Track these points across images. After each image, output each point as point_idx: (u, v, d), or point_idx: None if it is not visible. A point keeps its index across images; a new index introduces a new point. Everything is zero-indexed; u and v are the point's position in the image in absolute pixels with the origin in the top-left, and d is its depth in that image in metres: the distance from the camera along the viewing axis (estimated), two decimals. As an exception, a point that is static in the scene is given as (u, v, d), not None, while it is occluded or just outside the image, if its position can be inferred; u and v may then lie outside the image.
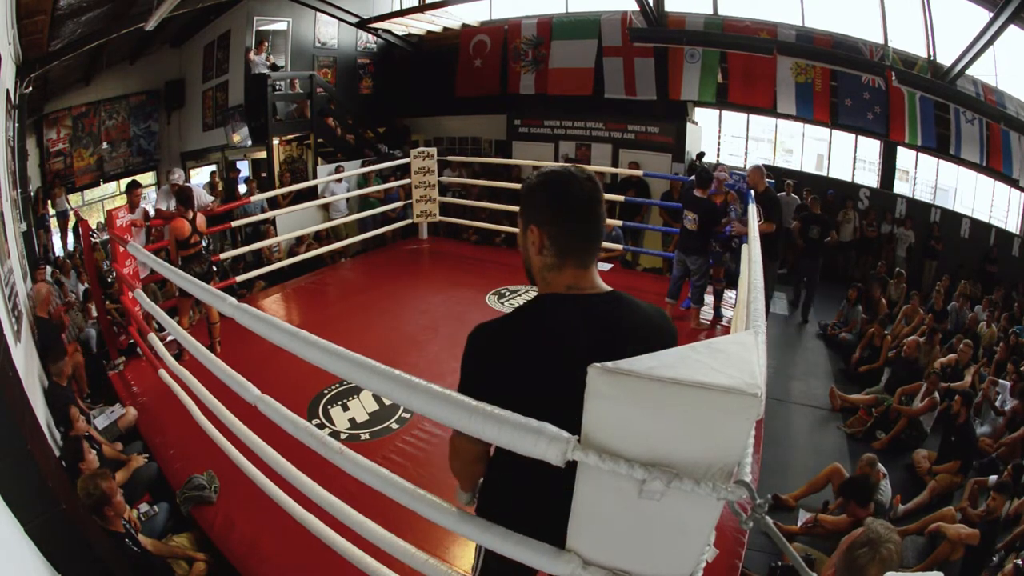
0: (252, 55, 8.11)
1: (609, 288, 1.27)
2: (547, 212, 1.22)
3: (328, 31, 9.34)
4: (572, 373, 0.97)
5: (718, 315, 5.16)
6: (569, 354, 1.00)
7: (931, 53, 7.17)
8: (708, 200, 4.77)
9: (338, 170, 7.62)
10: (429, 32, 9.97)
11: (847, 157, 8.59)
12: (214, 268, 4.59)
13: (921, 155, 8.09)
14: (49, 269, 5.96)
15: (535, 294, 1.30)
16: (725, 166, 5.46)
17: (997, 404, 4.88)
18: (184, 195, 4.37)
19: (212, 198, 5.97)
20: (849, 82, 7.67)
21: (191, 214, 4.29)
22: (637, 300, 1.29)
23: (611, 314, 1.22)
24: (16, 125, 5.45)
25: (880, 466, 3.74)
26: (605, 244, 6.51)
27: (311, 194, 7.58)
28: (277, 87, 8.17)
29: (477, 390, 1.18)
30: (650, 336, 1.22)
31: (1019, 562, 2.98)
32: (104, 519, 2.33)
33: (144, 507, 2.97)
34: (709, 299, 5.19)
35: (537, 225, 1.23)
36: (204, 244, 4.48)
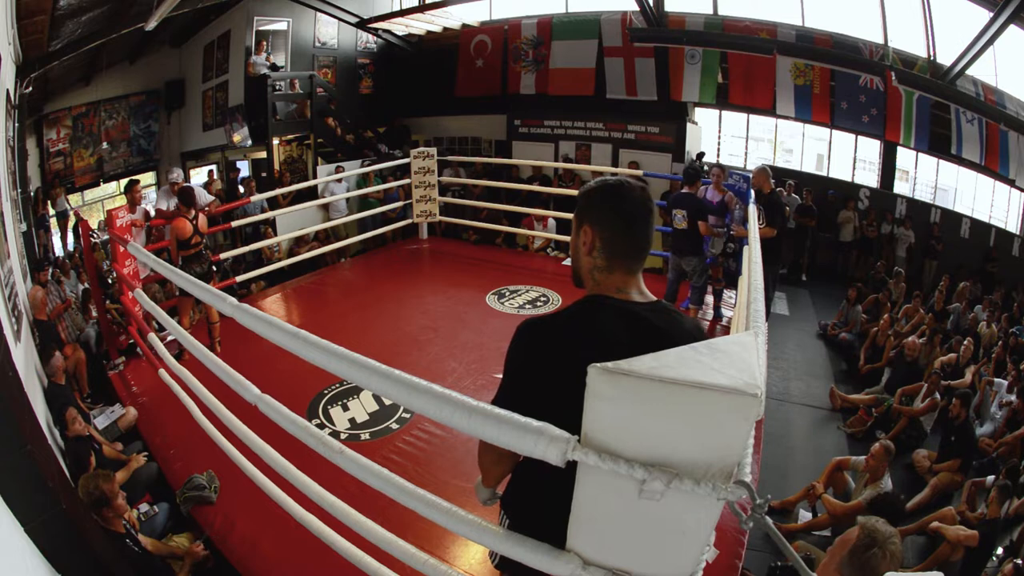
0: (252, 57, 8.12)
1: (655, 298, 1.30)
2: (602, 214, 1.26)
3: (328, 31, 9.34)
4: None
5: (717, 315, 5.16)
6: (611, 356, 0.98)
7: (931, 53, 7.17)
8: (695, 197, 4.80)
9: (338, 170, 7.62)
10: (429, 32, 9.97)
11: (847, 157, 8.60)
12: (214, 268, 4.59)
13: (921, 155, 8.10)
14: (50, 270, 5.95)
15: (585, 295, 1.31)
16: (724, 166, 5.46)
17: (995, 403, 4.88)
18: (186, 195, 4.36)
19: (212, 197, 5.96)
20: (847, 84, 7.68)
21: (193, 213, 4.29)
22: (680, 313, 1.33)
23: (655, 322, 1.23)
24: (16, 125, 5.45)
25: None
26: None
27: (311, 194, 7.58)
28: (277, 87, 8.17)
29: (522, 382, 1.22)
30: (686, 338, 1.20)
31: (1019, 562, 2.98)
32: (104, 519, 2.33)
33: (144, 507, 2.97)
34: (708, 299, 5.19)
35: (591, 225, 1.27)
36: (204, 243, 4.47)
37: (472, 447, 2.98)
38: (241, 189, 8.48)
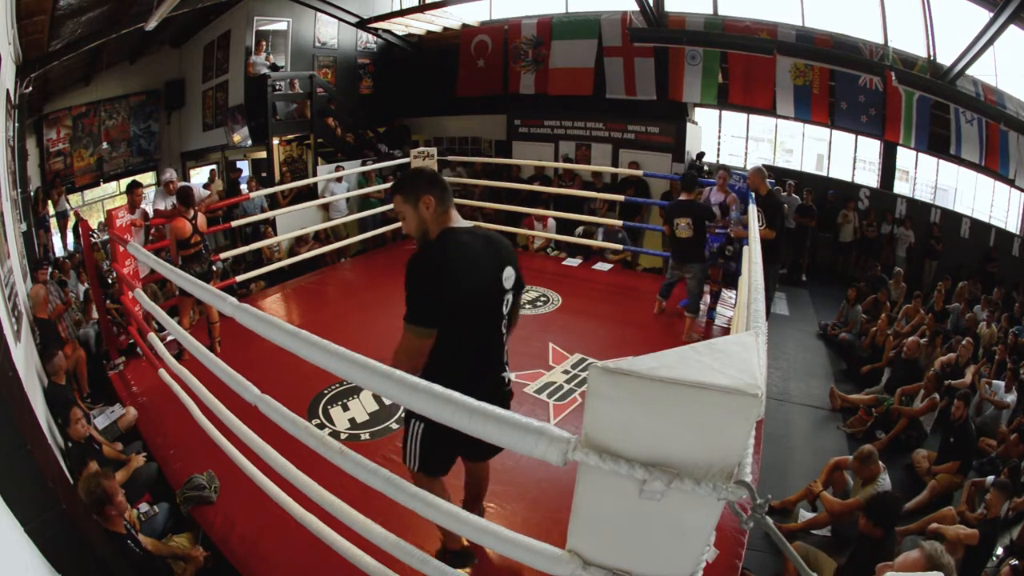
0: (252, 57, 8.12)
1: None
2: (429, 186, 1.93)
3: (328, 31, 9.34)
4: (483, 267, 1.93)
5: (711, 316, 5.16)
6: (476, 256, 1.91)
7: (931, 53, 7.17)
8: (697, 203, 4.72)
9: (338, 170, 7.63)
10: (429, 32, 9.97)
11: (847, 157, 8.60)
12: (214, 268, 4.58)
13: (921, 155, 8.10)
14: (50, 269, 5.95)
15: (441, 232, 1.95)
16: (729, 168, 5.45)
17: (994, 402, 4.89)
18: (184, 194, 4.36)
19: (208, 192, 5.93)
20: (846, 84, 7.69)
21: (191, 213, 4.28)
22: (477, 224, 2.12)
23: (477, 230, 2.00)
24: (16, 125, 5.44)
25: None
26: (610, 245, 6.60)
27: (311, 194, 7.58)
28: (277, 87, 8.17)
29: (426, 294, 1.83)
30: (500, 238, 2.09)
31: (1016, 562, 2.98)
32: (105, 518, 2.33)
33: (144, 507, 2.96)
34: (705, 300, 5.20)
35: (427, 194, 1.91)
36: (203, 243, 4.46)
37: (472, 447, 2.99)
38: (243, 188, 8.49)
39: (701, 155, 8.40)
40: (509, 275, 2.00)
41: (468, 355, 1.95)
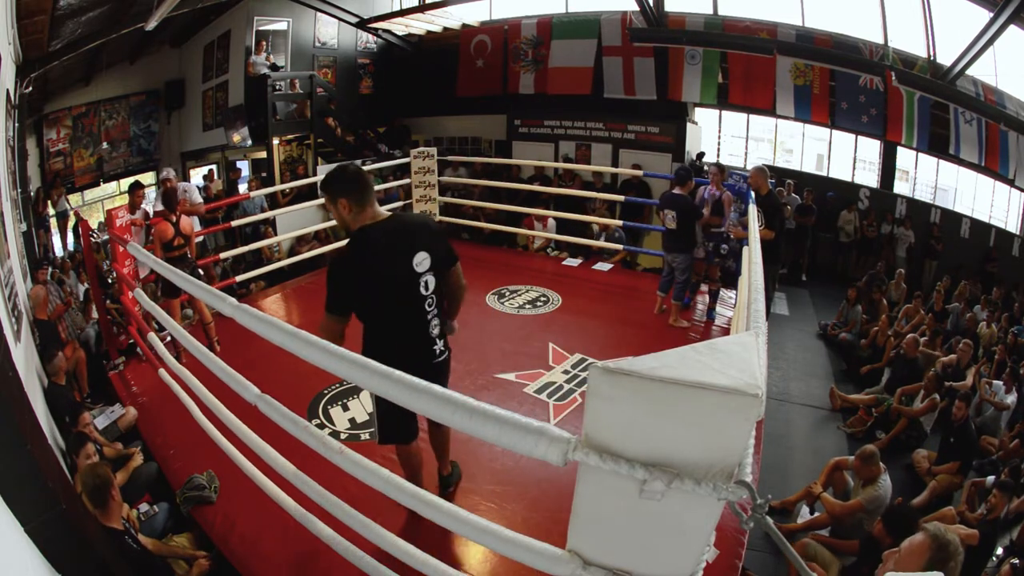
0: (252, 57, 8.11)
1: (389, 212, 2.23)
2: (346, 187, 2.14)
3: (328, 31, 9.34)
4: (390, 258, 2.15)
5: (711, 316, 5.16)
6: (378, 249, 2.12)
7: (931, 53, 7.17)
8: (685, 197, 4.83)
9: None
10: (429, 32, 9.97)
11: (847, 157, 8.60)
12: (199, 271, 4.55)
13: (921, 155, 8.10)
14: (50, 269, 5.95)
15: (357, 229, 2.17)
16: (723, 166, 5.45)
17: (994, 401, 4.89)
18: (168, 197, 4.35)
19: (201, 200, 5.89)
20: (847, 84, 7.68)
21: (174, 217, 4.26)
22: (405, 213, 2.49)
23: (393, 222, 2.20)
24: (16, 125, 5.45)
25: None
26: (610, 245, 6.60)
27: (311, 194, 7.57)
28: (277, 87, 8.17)
29: (342, 288, 2.11)
30: (419, 225, 2.27)
31: (1016, 562, 2.98)
32: (107, 512, 2.33)
33: (144, 507, 2.96)
34: (704, 299, 5.20)
35: (343, 197, 2.13)
36: (186, 246, 4.41)
37: (473, 447, 3.00)
38: (244, 188, 8.49)
39: (701, 155, 8.40)
40: (422, 259, 2.20)
41: (389, 334, 2.23)
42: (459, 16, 9.50)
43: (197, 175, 9.09)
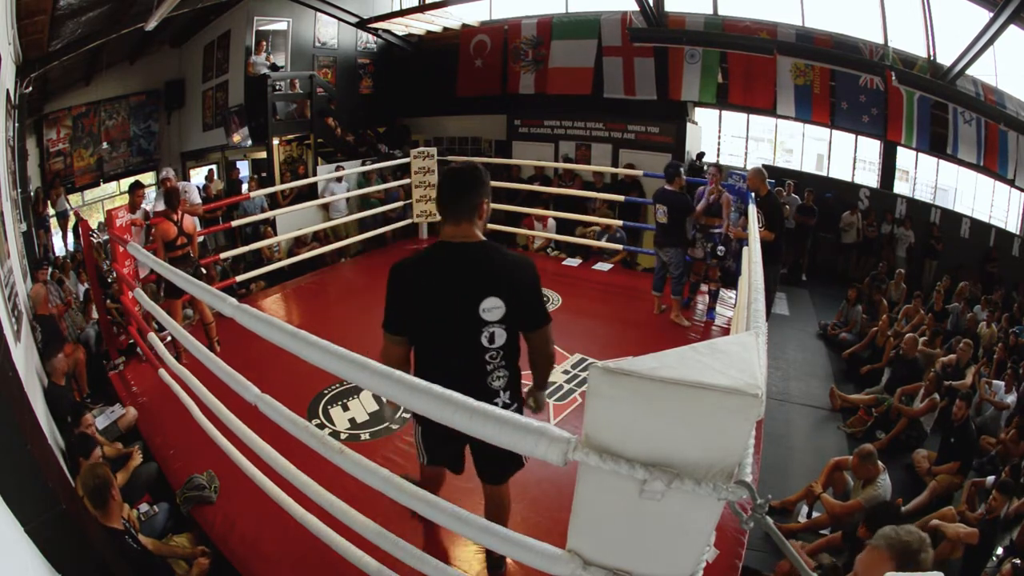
0: (252, 57, 8.12)
1: (484, 240, 1.90)
2: (438, 190, 1.94)
3: (328, 31, 9.34)
4: (445, 290, 1.81)
5: (711, 316, 5.16)
6: (431, 274, 1.81)
7: (931, 53, 7.17)
8: (675, 193, 4.85)
9: (338, 170, 7.63)
10: (429, 32, 9.97)
11: (847, 157, 8.60)
12: (202, 270, 4.55)
13: (921, 155, 8.10)
14: (50, 269, 5.95)
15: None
16: (722, 166, 5.47)
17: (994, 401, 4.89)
18: (169, 197, 4.35)
19: (199, 202, 5.89)
20: (847, 84, 7.68)
21: (176, 216, 4.27)
22: (503, 249, 1.93)
23: (471, 254, 1.85)
24: (16, 125, 5.44)
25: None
26: (610, 245, 6.60)
27: (311, 194, 7.58)
28: (277, 87, 8.17)
29: (395, 300, 1.88)
30: (510, 268, 1.85)
31: (1017, 561, 2.98)
32: (107, 512, 2.33)
33: (144, 507, 2.96)
34: (704, 299, 5.19)
35: (437, 198, 1.92)
36: (189, 245, 4.42)
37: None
38: (245, 187, 8.49)
39: (701, 155, 8.41)
40: (493, 306, 1.78)
41: (429, 375, 1.67)
42: (459, 16, 9.51)
43: (197, 175, 9.09)
